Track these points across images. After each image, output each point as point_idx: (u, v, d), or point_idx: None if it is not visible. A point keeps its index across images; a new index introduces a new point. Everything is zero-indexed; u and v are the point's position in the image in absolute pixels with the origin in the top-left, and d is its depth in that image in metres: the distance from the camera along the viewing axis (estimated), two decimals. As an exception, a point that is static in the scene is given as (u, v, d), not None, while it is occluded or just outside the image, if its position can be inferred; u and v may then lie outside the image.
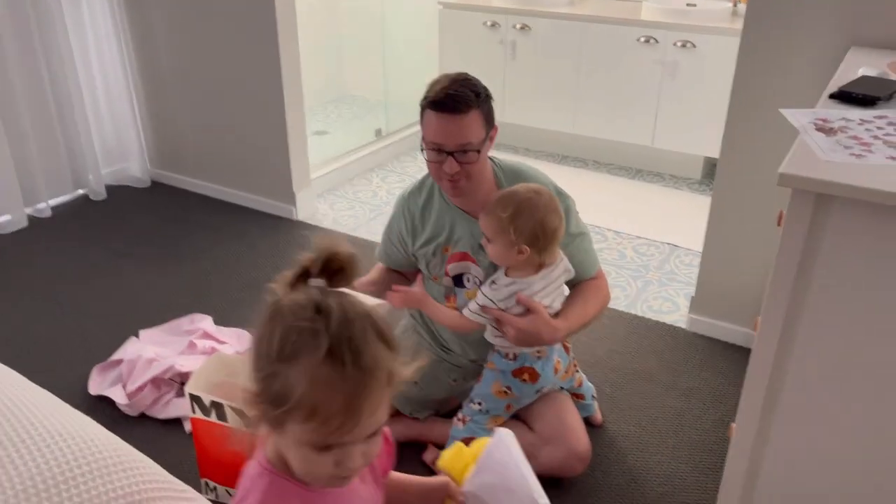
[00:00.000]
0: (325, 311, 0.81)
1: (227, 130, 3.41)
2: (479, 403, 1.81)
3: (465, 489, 1.10)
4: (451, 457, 1.16)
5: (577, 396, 1.99)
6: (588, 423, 2.03)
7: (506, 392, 1.78)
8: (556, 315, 1.74)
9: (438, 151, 1.67)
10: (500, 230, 1.63)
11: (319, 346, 0.79)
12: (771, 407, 1.36)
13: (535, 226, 1.62)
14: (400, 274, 2.01)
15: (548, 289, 1.73)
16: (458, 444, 1.19)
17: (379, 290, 1.85)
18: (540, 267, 1.70)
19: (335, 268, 0.87)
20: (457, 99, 1.63)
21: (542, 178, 1.83)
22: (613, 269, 2.95)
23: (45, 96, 3.29)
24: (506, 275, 1.70)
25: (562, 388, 1.93)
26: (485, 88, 1.70)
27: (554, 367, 1.80)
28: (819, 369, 1.28)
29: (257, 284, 2.82)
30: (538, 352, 1.76)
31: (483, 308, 1.71)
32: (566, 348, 1.89)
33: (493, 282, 1.71)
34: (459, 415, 1.85)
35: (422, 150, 1.72)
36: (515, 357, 1.76)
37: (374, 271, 2.03)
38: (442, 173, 1.70)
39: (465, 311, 1.74)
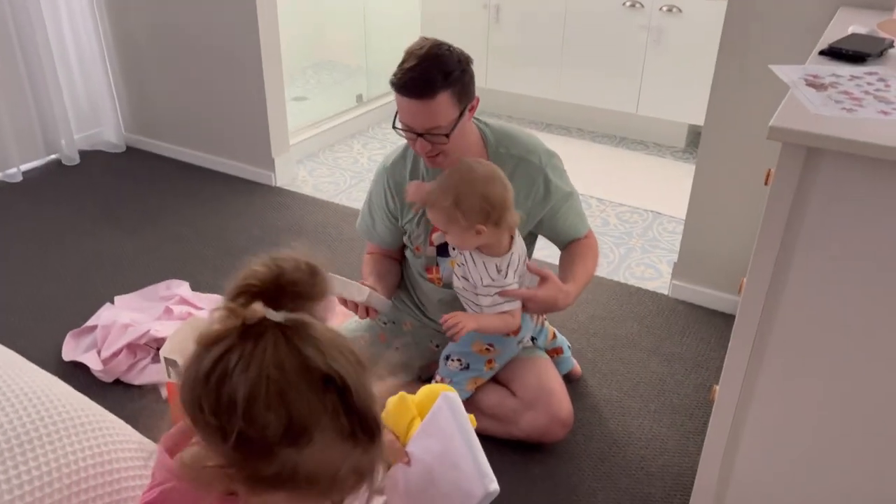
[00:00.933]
0: (334, 380, 0.68)
1: (204, 95, 3.33)
2: (459, 360, 1.78)
3: (409, 449, 1.04)
4: (395, 409, 1.07)
5: (555, 352, 1.98)
6: (569, 378, 2.02)
7: (488, 349, 1.76)
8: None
9: (409, 131, 1.63)
10: (449, 219, 1.58)
11: (341, 425, 0.68)
12: (755, 368, 1.35)
13: (480, 202, 1.55)
14: (393, 260, 1.95)
15: (524, 255, 1.71)
16: (402, 394, 1.09)
17: (382, 289, 1.79)
18: (510, 238, 1.66)
19: (293, 291, 0.71)
20: (421, 83, 1.56)
21: (532, 139, 1.80)
22: (597, 235, 2.92)
23: (14, 59, 3.18)
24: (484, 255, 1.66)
25: (540, 348, 1.92)
26: (459, 63, 1.59)
27: (532, 317, 1.78)
28: (805, 329, 1.27)
29: (235, 251, 2.77)
30: None
31: (504, 292, 1.65)
32: None
33: (494, 277, 1.65)
34: (437, 377, 1.83)
35: (394, 126, 1.67)
36: None
37: (367, 264, 1.93)
38: (416, 152, 1.68)
39: (494, 308, 1.67)
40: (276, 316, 0.69)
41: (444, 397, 1.04)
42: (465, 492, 0.97)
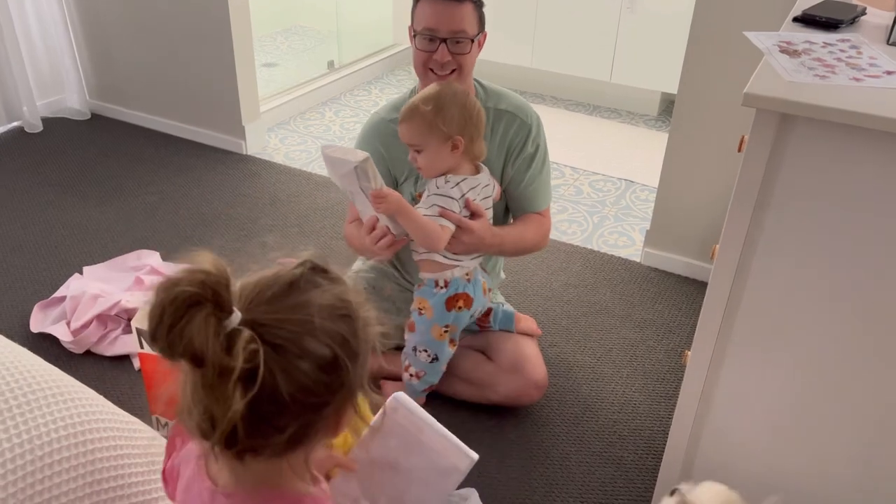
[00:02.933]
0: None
1: (171, 61, 3.25)
2: (426, 351, 1.75)
3: (355, 456, 1.03)
4: None
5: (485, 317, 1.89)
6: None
7: (445, 330, 1.73)
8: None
9: (430, 39, 1.63)
10: (428, 127, 1.56)
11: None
12: (726, 333, 1.37)
13: (461, 111, 1.56)
14: None
15: (486, 188, 1.69)
16: None
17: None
18: (476, 165, 1.65)
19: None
20: None
21: (522, 100, 1.82)
22: (570, 204, 2.94)
23: (-30, 20, 3.07)
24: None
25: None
26: None
27: (482, 289, 1.76)
28: (776, 294, 1.29)
29: (206, 220, 2.73)
30: (466, 275, 1.70)
31: (443, 212, 1.61)
32: (484, 269, 1.84)
33: (440, 185, 1.62)
34: (411, 370, 1.78)
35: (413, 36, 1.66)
36: (447, 284, 1.69)
37: (356, 231, 1.82)
38: (432, 64, 1.65)
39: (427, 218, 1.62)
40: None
41: (395, 399, 1.06)
42: (446, 469, 1.01)
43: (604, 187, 3.08)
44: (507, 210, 1.88)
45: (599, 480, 1.75)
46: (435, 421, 1.05)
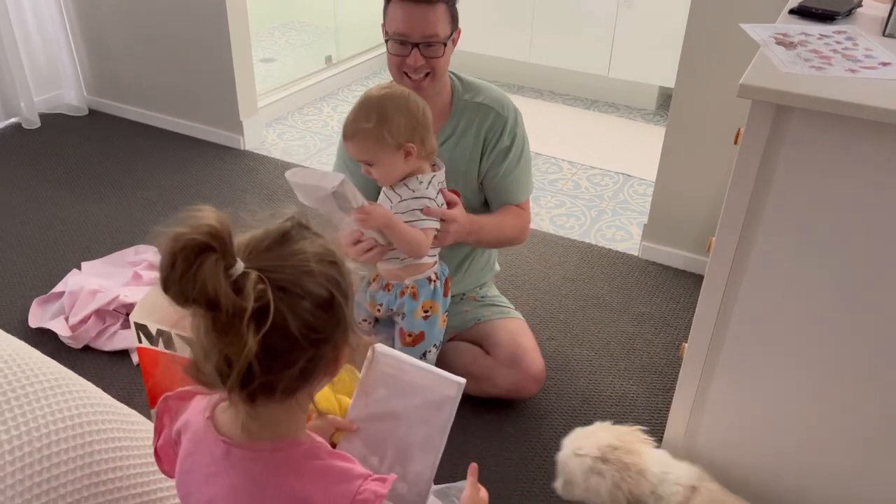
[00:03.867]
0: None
1: (168, 56, 3.24)
2: (436, 346, 1.72)
3: (352, 416, 1.05)
4: (323, 399, 1.13)
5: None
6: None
7: (428, 313, 1.70)
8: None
9: (402, 43, 1.61)
10: (376, 141, 1.49)
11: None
12: (723, 325, 1.37)
13: (407, 116, 1.50)
14: None
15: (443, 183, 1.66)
16: (326, 388, 1.12)
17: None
18: (432, 162, 1.62)
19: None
20: None
21: (499, 92, 1.79)
22: (568, 198, 2.94)
23: (-33, 16, 3.07)
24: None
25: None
26: None
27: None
28: (772, 286, 1.29)
29: (204, 215, 2.73)
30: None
31: (427, 210, 1.58)
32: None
33: (414, 187, 1.58)
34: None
35: (386, 41, 1.63)
36: (437, 275, 1.69)
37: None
38: (405, 69, 1.63)
39: (415, 224, 1.58)
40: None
41: (373, 350, 1.07)
42: (439, 402, 1.03)
43: (601, 181, 3.08)
44: (486, 203, 1.85)
45: (597, 473, 1.75)
46: (414, 359, 1.07)
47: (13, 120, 3.37)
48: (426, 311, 1.69)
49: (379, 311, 1.73)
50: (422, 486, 1.03)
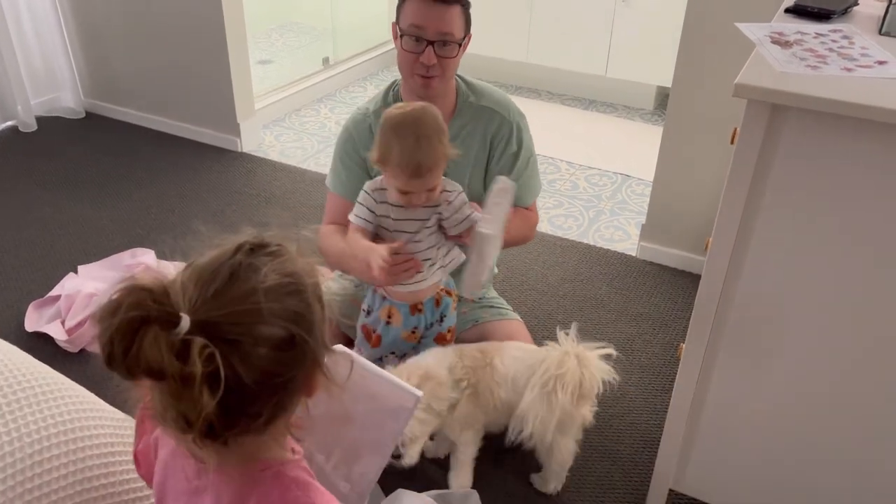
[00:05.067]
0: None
1: (165, 58, 3.24)
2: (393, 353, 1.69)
3: (313, 412, 1.05)
4: None
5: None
6: None
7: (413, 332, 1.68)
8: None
9: (417, 40, 1.60)
10: (445, 158, 1.45)
11: None
12: (721, 325, 1.36)
13: (441, 123, 1.47)
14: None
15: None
16: None
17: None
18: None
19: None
20: None
21: (504, 96, 1.79)
22: (566, 199, 2.94)
23: (-37, 19, 3.06)
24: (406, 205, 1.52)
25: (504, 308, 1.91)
26: None
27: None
28: (769, 285, 1.29)
29: (201, 218, 2.72)
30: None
31: (472, 204, 1.54)
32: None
33: (450, 203, 1.54)
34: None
35: (400, 36, 1.61)
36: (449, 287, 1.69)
37: (337, 235, 1.72)
38: (417, 67, 1.62)
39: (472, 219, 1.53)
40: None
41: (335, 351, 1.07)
42: (395, 410, 1.04)
43: (599, 182, 3.08)
44: None
45: (595, 475, 1.75)
46: (375, 366, 1.08)
47: (10, 123, 3.36)
48: (448, 331, 1.70)
49: (416, 332, 1.67)
50: (363, 487, 1.05)
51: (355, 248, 1.53)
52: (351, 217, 1.57)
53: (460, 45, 1.64)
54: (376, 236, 1.57)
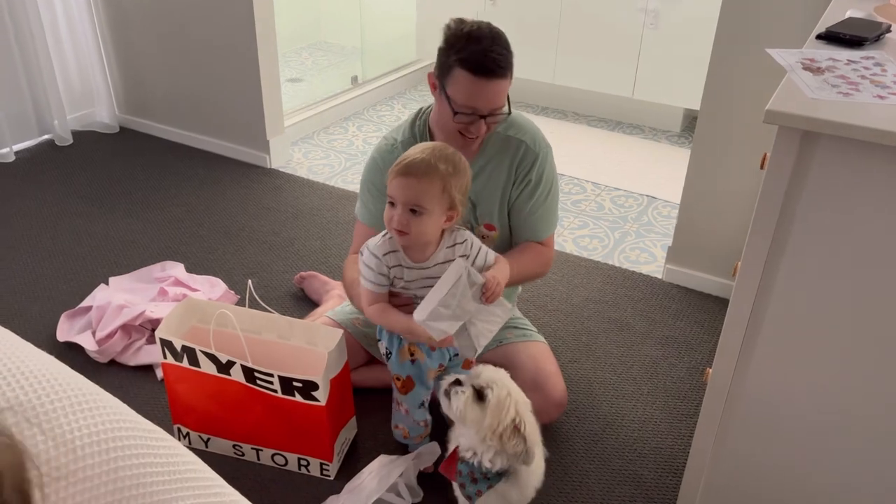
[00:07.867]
0: None
1: (198, 76, 3.31)
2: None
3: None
4: None
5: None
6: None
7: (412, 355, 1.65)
8: None
9: (473, 114, 1.56)
10: (442, 191, 1.39)
11: None
12: (749, 351, 1.35)
13: (467, 180, 1.45)
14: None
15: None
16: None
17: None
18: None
19: None
20: (500, 63, 1.52)
21: (532, 126, 1.77)
22: (591, 220, 2.94)
23: (6, 37, 3.15)
24: (412, 257, 1.50)
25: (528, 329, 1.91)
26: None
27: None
28: (798, 312, 1.28)
29: (230, 233, 2.76)
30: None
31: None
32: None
33: (456, 244, 1.52)
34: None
35: (449, 106, 1.55)
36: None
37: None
38: (463, 130, 1.58)
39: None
40: None
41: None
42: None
43: (626, 203, 3.07)
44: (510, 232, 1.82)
45: (619, 498, 1.73)
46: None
47: (47, 136, 3.45)
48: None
49: (441, 367, 1.66)
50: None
51: (394, 326, 1.53)
52: (364, 283, 1.51)
53: (509, 110, 1.61)
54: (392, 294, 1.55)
